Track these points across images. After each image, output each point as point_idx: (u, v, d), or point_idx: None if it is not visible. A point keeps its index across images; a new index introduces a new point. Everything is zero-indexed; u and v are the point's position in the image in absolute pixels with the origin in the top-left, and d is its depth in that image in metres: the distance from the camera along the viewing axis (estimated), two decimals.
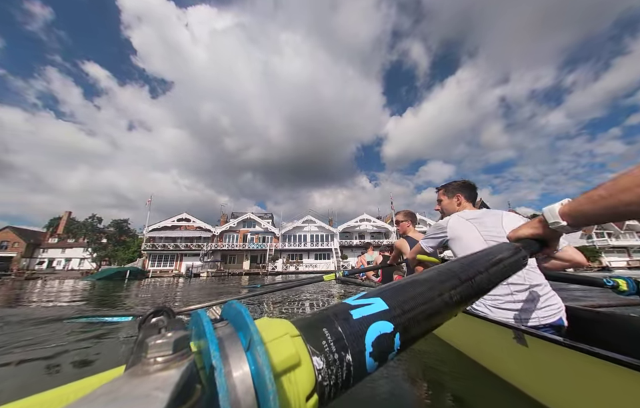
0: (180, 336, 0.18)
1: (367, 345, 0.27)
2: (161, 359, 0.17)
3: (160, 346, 0.17)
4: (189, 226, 32.19)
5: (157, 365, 0.17)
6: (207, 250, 29.45)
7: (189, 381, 0.17)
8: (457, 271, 0.39)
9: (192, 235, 31.35)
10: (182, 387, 0.15)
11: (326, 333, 0.26)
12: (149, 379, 0.16)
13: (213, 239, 31.57)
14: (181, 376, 0.16)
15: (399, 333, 0.29)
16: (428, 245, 1.53)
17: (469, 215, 1.38)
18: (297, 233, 32.87)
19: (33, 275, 28.10)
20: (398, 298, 0.32)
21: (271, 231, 32.42)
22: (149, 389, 0.14)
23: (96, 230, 32.30)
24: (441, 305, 0.34)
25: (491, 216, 1.33)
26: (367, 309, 0.29)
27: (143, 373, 0.16)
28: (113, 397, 0.14)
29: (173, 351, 0.17)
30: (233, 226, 32.51)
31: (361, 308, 0.29)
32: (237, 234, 32.68)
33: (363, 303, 0.30)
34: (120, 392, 0.14)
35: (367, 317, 0.28)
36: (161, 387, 0.14)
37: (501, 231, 1.23)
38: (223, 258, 30.92)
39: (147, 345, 0.18)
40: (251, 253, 31.58)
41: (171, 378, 0.15)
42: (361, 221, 34.52)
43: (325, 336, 0.25)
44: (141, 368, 0.17)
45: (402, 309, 0.31)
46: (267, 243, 31.49)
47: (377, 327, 0.28)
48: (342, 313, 0.28)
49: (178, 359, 0.17)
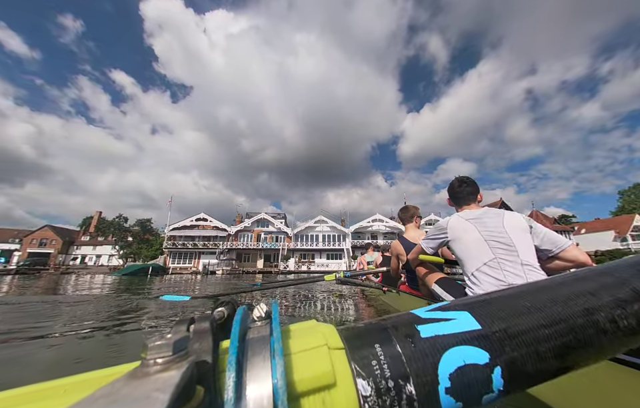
0: (179, 337, 0.18)
1: (442, 377, 0.19)
2: (160, 360, 0.17)
3: (160, 347, 0.17)
4: (207, 225, 33.61)
5: (157, 367, 0.16)
6: (222, 248, 30.65)
7: (189, 382, 0.16)
8: (626, 274, 0.25)
9: (209, 234, 32.73)
10: (182, 388, 0.15)
11: (378, 351, 0.20)
12: (149, 380, 0.15)
13: (228, 238, 32.74)
14: (181, 377, 0.15)
15: (501, 367, 0.20)
16: (428, 246, 1.49)
17: (469, 214, 1.35)
18: (309, 232, 33.32)
19: (68, 269, 30.71)
20: (500, 313, 0.23)
21: (283, 231, 33.10)
22: (149, 391, 0.14)
23: (122, 229, 34.62)
24: (589, 329, 0.22)
25: (492, 216, 1.30)
26: (445, 326, 0.22)
27: (143, 374, 0.16)
28: (113, 398, 0.14)
29: (172, 352, 0.17)
30: (247, 226, 33.49)
31: (434, 323, 0.22)
32: (251, 233, 33.63)
33: (439, 317, 0.23)
34: (120, 393, 0.14)
35: (444, 337, 0.21)
36: (161, 388, 0.14)
37: (502, 231, 1.21)
38: (238, 257, 32.01)
39: (147, 346, 0.17)
40: (264, 252, 32.44)
41: (171, 379, 0.15)
42: (373, 221, 34.37)
43: (377, 355, 0.20)
44: (141, 369, 0.17)
45: (507, 331, 0.21)
46: (279, 242, 32.23)
47: (459, 353, 0.20)
48: (405, 326, 0.22)
49: (178, 360, 0.17)
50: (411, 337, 0.21)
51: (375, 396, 0.18)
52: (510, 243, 1.17)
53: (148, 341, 0.18)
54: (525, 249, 1.18)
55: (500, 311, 0.22)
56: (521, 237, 1.20)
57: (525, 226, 1.24)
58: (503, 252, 1.17)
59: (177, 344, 0.18)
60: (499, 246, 1.18)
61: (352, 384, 0.19)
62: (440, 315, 0.23)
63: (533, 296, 0.23)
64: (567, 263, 1.22)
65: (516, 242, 1.17)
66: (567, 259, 1.21)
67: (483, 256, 1.19)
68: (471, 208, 1.44)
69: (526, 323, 0.22)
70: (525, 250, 1.17)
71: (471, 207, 1.45)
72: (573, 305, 0.22)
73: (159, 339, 0.18)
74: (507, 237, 1.19)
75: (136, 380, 0.16)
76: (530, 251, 1.19)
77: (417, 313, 0.23)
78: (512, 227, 1.23)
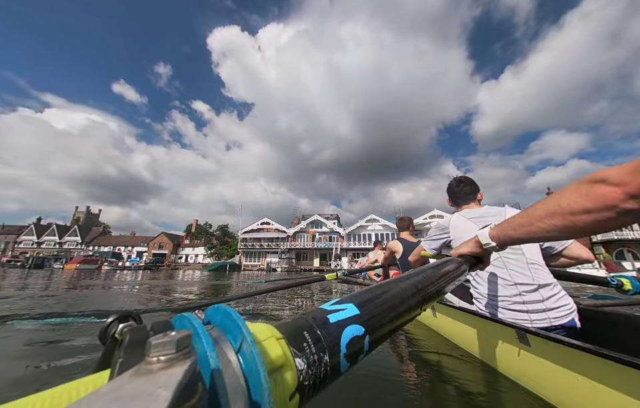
0: (183, 334, 0.19)
1: (342, 347, 0.30)
2: (164, 358, 0.17)
3: (163, 345, 0.18)
4: (269, 228, 38.23)
5: (160, 364, 0.17)
6: (283, 248, 34.42)
7: (192, 379, 0.17)
8: (415, 282, 0.48)
9: (271, 235, 37.19)
10: (185, 385, 0.16)
11: (307, 336, 0.28)
12: (153, 378, 0.16)
13: (287, 239, 36.43)
14: (183, 374, 0.16)
15: (368, 335, 0.33)
16: (430, 247, 1.48)
17: (469, 213, 1.33)
18: (360, 232, 33.79)
19: (176, 266, 40.31)
20: (368, 304, 0.37)
21: (336, 231, 34.60)
22: (153, 388, 0.15)
23: (208, 233, 43.04)
24: (402, 311, 0.41)
25: (493, 214, 1.29)
26: (342, 314, 0.33)
27: (147, 372, 0.16)
28: (116, 395, 0.14)
29: (176, 349, 0.18)
30: (302, 227, 36.47)
31: (336, 313, 0.33)
32: (306, 234, 36.45)
33: (338, 308, 0.34)
34: (123, 390, 0.14)
35: (342, 321, 0.32)
36: (164, 385, 0.15)
37: None
38: (297, 256, 35.32)
39: (150, 344, 0.18)
40: (320, 251, 34.70)
41: (174, 376, 0.16)
42: (431, 218, 32.02)
43: (306, 338, 0.28)
44: (144, 367, 0.17)
45: (371, 313, 0.36)
46: (332, 242, 33.91)
47: (350, 331, 0.32)
48: (320, 317, 0.32)
49: (181, 358, 0.17)
50: (325, 323, 0.31)
51: (307, 368, 0.26)
52: None
53: (151, 339, 0.18)
54: (529, 247, 1.15)
55: (369, 301, 0.38)
56: None
57: None
58: (508, 251, 1.13)
59: (180, 341, 0.18)
60: None
61: (292, 362, 0.26)
62: (338, 307, 0.35)
63: (384, 292, 0.41)
64: (570, 260, 1.22)
65: None
66: (570, 256, 1.21)
67: None
68: (471, 207, 1.43)
69: (380, 308, 0.38)
70: (529, 248, 1.15)
71: (470, 206, 1.43)
72: (397, 297, 0.42)
73: (162, 337, 0.18)
74: None
75: (139, 377, 0.16)
76: (535, 248, 1.17)
77: (325, 307, 0.35)
78: None
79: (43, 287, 5.88)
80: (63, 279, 9.07)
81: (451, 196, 1.54)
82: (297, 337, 0.28)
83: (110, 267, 25.23)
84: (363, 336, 0.32)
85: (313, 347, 0.28)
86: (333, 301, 0.36)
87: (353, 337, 0.31)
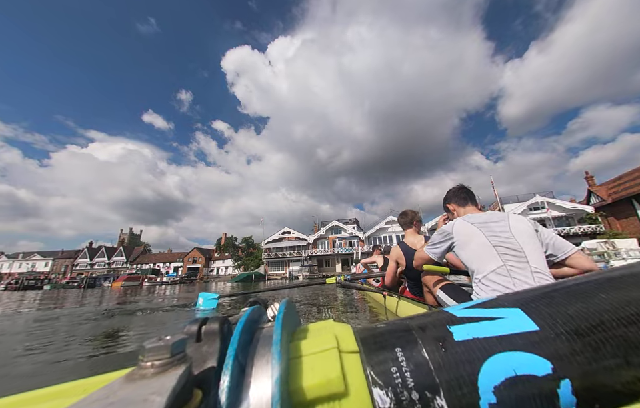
0: (177, 340, 0.18)
1: (484, 390, 0.15)
2: (158, 363, 0.17)
3: (157, 350, 0.17)
4: (290, 237, 39.42)
5: (155, 369, 0.16)
6: (305, 256, 35.29)
7: (187, 385, 0.16)
8: None
9: (293, 244, 38.33)
10: (179, 391, 0.15)
11: (399, 356, 0.17)
12: (146, 383, 0.15)
13: (308, 247, 37.31)
14: (177, 380, 0.15)
15: (570, 379, 0.15)
16: (433, 252, 1.43)
17: (473, 218, 1.32)
18: (380, 234, 33.66)
19: (208, 279, 43.24)
20: (565, 310, 0.17)
21: (356, 235, 34.78)
22: (146, 393, 0.14)
23: (234, 246, 45.41)
24: None
25: (497, 220, 1.27)
26: (488, 327, 0.17)
27: (140, 377, 0.16)
28: (109, 401, 0.14)
29: (170, 354, 0.17)
30: (322, 234, 37.10)
31: (473, 323, 0.17)
32: (327, 240, 37.02)
33: (480, 316, 0.18)
34: (116, 396, 0.14)
35: (486, 341, 0.17)
36: (158, 391, 0.14)
37: (509, 236, 1.16)
38: (319, 263, 35.97)
39: (144, 349, 0.17)
40: (341, 256, 35.02)
41: (168, 382, 0.15)
42: None
43: (397, 360, 0.17)
44: (138, 372, 0.16)
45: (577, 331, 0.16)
46: (353, 246, 34.12)
47: (509, 361, 0.16)
48: (434, 326, 0.18)
49: (175, 363, 0.17)
50: (441, 340, 0.17)
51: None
52: (519, 249, 1.12)
53: (145, 343, 0.17)
54: (534, 254, 1.14)
55: (565, 307, 0.18)
56: (530, 242, 1.15)
57: (531, 231, 1.20)
58: (512, 258, 1.12)
59: (174, 346, 0.17)
60: (507, 252, 1.13)
61: (366, 393, 0.16)
62: (481, 313, 0.18)
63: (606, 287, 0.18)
64: (572, 270, 1.19)
65: (525, 248, 1.13)
66: (572, 266, 1.18)
67: (490, 263, 1.13)
68: (473, 211, 1.42)
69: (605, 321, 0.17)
70: (534, 256, 1.13)
71: (472, 211, 1.43)
72: None
73: (156, 341, 0.18)
74: (515, 243, 1.15)
75: (133, 382, 0.15)
76: (539, 256, 1.15)
77: (450, 310, 0.20)
78: (519, 232, 1.19)
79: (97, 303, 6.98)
80: (112, 295, 10.51)
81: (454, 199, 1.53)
82: (381, 354, 0.17)
83: (150, 283, 28.03)
84: (551, 378, 0.15)
85: (408, 376, 0.16)
86: (471, 303, 0.20)
87: (519, 378, 0.15)
